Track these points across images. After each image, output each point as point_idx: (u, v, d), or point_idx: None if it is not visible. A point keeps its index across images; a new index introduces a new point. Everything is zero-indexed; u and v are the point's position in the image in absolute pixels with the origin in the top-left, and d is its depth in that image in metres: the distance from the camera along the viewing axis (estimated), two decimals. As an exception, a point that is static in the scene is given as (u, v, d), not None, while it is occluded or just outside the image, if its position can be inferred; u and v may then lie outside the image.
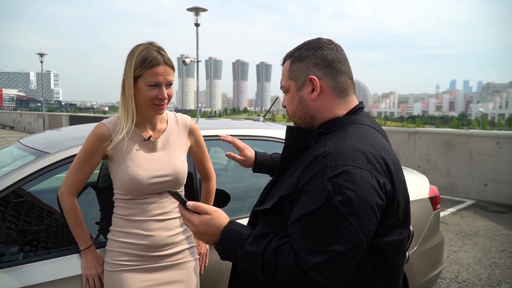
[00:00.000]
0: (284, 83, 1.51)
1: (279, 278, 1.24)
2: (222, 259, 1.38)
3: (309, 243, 1.21)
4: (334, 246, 1.19)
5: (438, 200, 3.34)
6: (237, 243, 1.31)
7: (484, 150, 8.81)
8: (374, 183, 1.24)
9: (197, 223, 1.34)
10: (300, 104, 1.47)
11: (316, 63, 1.43)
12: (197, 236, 1.38)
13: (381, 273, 1.37)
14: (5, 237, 2.00)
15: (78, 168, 1.88)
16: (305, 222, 1.23)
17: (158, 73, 1.81)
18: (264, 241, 1.29)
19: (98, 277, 1.92)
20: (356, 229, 1.20)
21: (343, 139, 1.33)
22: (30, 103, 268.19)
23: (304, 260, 1.20)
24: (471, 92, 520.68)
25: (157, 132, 1.97)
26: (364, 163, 1.25)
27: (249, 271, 1.31)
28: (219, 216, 1.36)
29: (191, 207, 1.35)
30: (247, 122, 3.48)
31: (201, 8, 17.95)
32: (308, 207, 1.23)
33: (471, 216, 7.39)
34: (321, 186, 1.22)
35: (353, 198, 1.19)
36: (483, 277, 4.67)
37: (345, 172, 1.22)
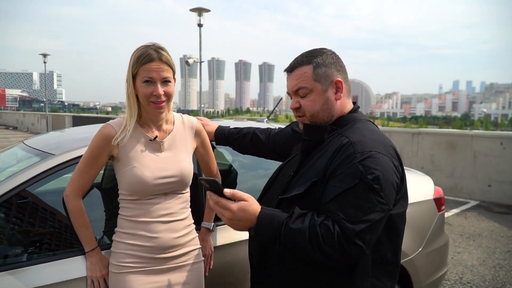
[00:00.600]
0: (307, 84, 1.67)
1: (326, 248, 1.41)
2: (257, 241, 1.53)
3: (349, 215, 1.43)
4: (371, 216, 1.44)
5: (443, 201, 3.32)
6: (278, 223, 1.46)
7: (488, 151, 8.78)
8: (392, 166, 1.53)
9: (236, 209, 1.45)
10: (326, 104, 1.68)
11: (337, 68, 1.70)
12: (231, 222, 1.48)
13: (391, 240, 1.64)
14: (10, 239, 2.00)
15: (84, 169, 1.88)
16: (344, 198, 1.45)
17: (151, 69, 1.81)
18: (306, 219, 1.46)
19: (103, 279, 1.91)
20: (386, 201, 1.47)
21: (359, 132, 1.61)
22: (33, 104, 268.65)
23: (348, 229, 1.41)
24: (474, 92, 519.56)
25: (163, 133, 1.97)
26: (382, 149, 1.54)
27: (294, 247, 1.45)
28: (254, 202, 1.51)
29: (228, 194, 1.47)
30: (251, 123, 3.47)
31: (204, 8, 17.98)
32: (343, 186, 1.46)
33: (475, 217, 7.37)
34: (354, 168, 1.47)
35: (380, 176, 1.46)
36: (487, 279, 4.66)
37: (372, 156, 1.49)
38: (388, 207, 1.49)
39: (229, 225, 1.50)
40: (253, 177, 3.04)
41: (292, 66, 1.72)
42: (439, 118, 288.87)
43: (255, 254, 1.78)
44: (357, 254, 1.43)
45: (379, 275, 1.63)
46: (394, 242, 1.66)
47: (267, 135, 2.30)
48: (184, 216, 1.99)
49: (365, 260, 1.57)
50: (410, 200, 3.05)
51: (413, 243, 2.98)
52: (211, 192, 1.49)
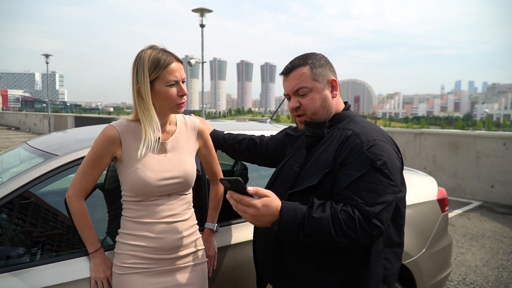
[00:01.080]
0: (307, 84, 1.78)
1: (350, 233, 1.50)
2: (281, 235, 1.54)
3: (367, 199, 1.53)
4: (386, 197, 1.55)
5: (446, 202, 3.31)
6: (301, 215, 1.52)
7: (490, 151, 8.76)
8: (394, 151, 1.68)
9: (260, 206, 1.50)
10: (325, 102, 1.80)
11: (330, 69, 1.84)
12: (255, 219, 1.52)
13: (396, 222, 1.77)
14: (13, 240, 1.99)
15: (87, 170, 1.87)
16: (358, 184, 1.56)
17: (174, 70, 1.84)
18: (327, 208, 1.54)
19: (107, 280, 1.91)
20: (396, 183, 1.60)
21: (359, 124, 1.74)
22: (35, 104, 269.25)
23: (367, 212, 1.51)
24: (476, 92, 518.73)
25: (166, 134, 1.96)
26: (383, 138, 1.68)
27: (318, 235, 1.51)
28: (275, 197, 1.56)
29: (252, 191, 1.51)
30: (255, 123, 3.47)
31: (206, 9, 17.97)
32: (356, 173, 1.57)
33: (478, 217, 7.36)
34: (364, 156, 1.59)
35: (388, 162, 1.59)
36: (490, 279, 4.64)
37: (376, 144, 1.62)
38: (398, 188, 1.62)
39: (252, 222, 1.54)
40: (255, 177, 3.04)
41: (290, 68, 1.83)
42: (441, 119, 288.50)
43: (269, 251, 1.84)
44: (377, 235, 1.54)
45: (389, 256, 1.75)
46: (398, 223, 1.79)
47: (261, 141, 2.37)
48: (187, 217, 1.99)
49: (378, 242, 1.68)
50: (414, 201, 3.07)
51: (417, 244, 2.97)
52: (232, 192, 1.53)
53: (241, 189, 1.50)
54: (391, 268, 1.76)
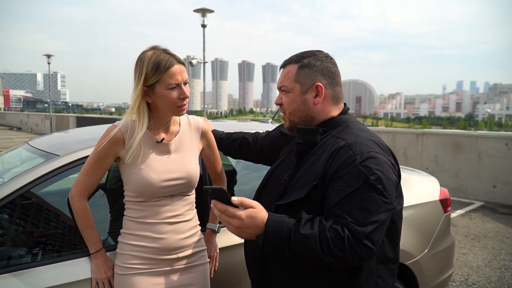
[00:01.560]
0: (287, 84, 1.72)
1: (337, 252, 1.40)
2: (266, 249, 1.46)
3: (357, 218, 1.43)
4: (378, 216, 1.45)
5: (448, 202, 3.31)
6: (287, 230, 1.44)
7: (493, 152, 8.75)
8: (390, 164, 1.55)
9: (244, 217, 1.42)
10: (302, 105, 1.70)
11: (323, 73, 1.70)
12: (239, 230, 1.45)
13: (391, 238, 1.65)
14: (15, 240, 1.99)
15: (90, 170, 1.87)
16: (349, 201, 1.45)
17: (175, 73, 1.80)
18: (315, 224, 1.45)
19: (108, 280, 1.90)
20: (389, 200, 1.48)
21: (354, 133, 1.61)
22: (37, 104, 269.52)
23: (358, 232, 1.41)
24: (478, 93, 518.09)
25: (170, 135, 1.96)
26: (379, 149, 1.55)
27: (304, 253, 1.43)
28: (262, 208, 1.48)
29: (237, 202, 1.43)
30: (256, 124, 3.46)
31: (208, 9, 17.97)
32: (348, 189, 1.46)
33: (480, 218, 7.34)
34: (356, 170, 1.47)
35: (382, 176, 1.47)
36: (493, 280, 4.63)
37: (371, 157, 1.50)
38: (392, 206, 1.51)
39: (236, 233, 1.47)
40: (257, 178, 3.03)
41: (284, 63, 1.77)
42: (443, 119, 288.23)
43: (255, 260, 1.75)
44: (368, 256, 1.44)
45: (382, 273, 1.64)
46: (394, 239, 1.68)
47: (255, 139, 2.29)
48: (190, 218, 1.98)
49: (371, 259, 1.57)
50: (416, 201, 3.06)
51: (419, 244, 2.97)
52: (216, 201, 1.45)
53: (225, 199, 1.42)
54: (384, 285, 1.65)
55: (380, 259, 1.62)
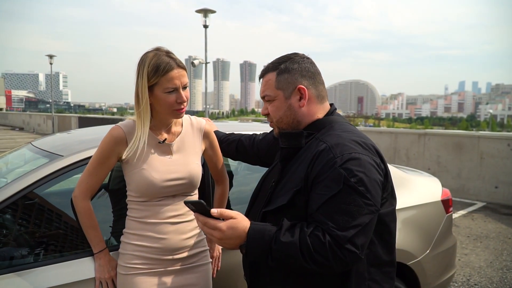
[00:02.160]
0: (270, 92, 1.69)
1: (319, 258, 1.38)
2: (250, 258, 1.46)
3: (339, 222, 1.39)
4: (360, 219, 1.40)
5: (450, 203, 3.31)
6: (268, 238, 1.42)
7: (495, 152, 8.73)
8: (374, 164, 1.50)
9: (225, 228, 1.42)
10: (289, 111, 1.67)
11: (302, 74, 1.66)
12: (222, 242, 1.45)
13: (383, 240, 1.60)
14: (18, 240, 2.00)
15: (93, 170, 1.88)
16: (330, 206, 1.42)
17: (173, 77, 1.81)
18: (296, 231, 1.42)
19: (112, 280, 1.92)
20: (373, 202, 1.44)
21: (336, 135, 1.57)
22: (39, 105, 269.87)
23: (339, 237, 1.37)
24: (480, 93, 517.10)
25: (172, 135, 1.97)
26: (361, 149, 1.51)
27: (286, 261, 1.41)
28: (243, 218, 1.47)
29: (216, 214, 1.43)
30: (258, 124, 3.47)
31: (210, 9, 18.00)
32: (328, 193, 1.42)
33: (482, 218, 7.34)
34: (336, 173, 1.43)
35: (364, 178, 1.43)
36: (495, 280, 4.63)
37: (352, 158, 1.45)
38: (376, 208, 1.46)
39: (220, 245, 1.48)
40: (258, 178, 3.04)
41: (262, 72, 1.75)
42: (445, 119, 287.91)
43: (246, 264, 1.75)
44: (352, 261, 1.41)
45: (376, 277, 1.59)
46: (387, 241, 1.62)
47: (252, 142, 2.27)
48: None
49: (361, 262, 1.53)
50: (418, 202, 3.07)
51: (421, 244, 2.97)
52: (198, 214, 1.46)
53: (205, 211, 1.43)
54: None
55: (372, 262, 1.58)
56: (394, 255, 1.68)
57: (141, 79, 1.80)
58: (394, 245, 1.67)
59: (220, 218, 1.44)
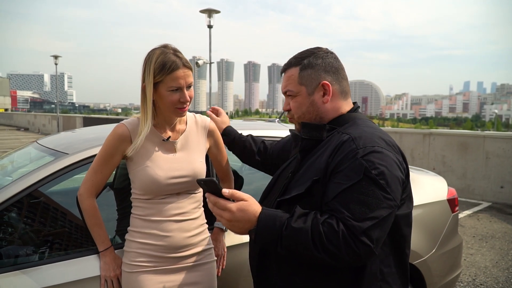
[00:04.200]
0: (293, 88, 1.66)
1: (331, 248, 1.33)
2: (259, 244, 1.42)
3: (355, 212, 1.35)
4: (378, 212, 1.36)
5: (456, 202, 3.29)
6: (279, 224, 1.38)
7: (500, 152, 8.69)
8: (396, 161, 1.47)
9: (235, 209, 1.38)
10: (311, 107, 1.64)
11: (326, 70, 1.63)
12: (231, 224, 1.40)
13: (394, 242, 1.54)
14: (23, 238, 2.01)
15: (98, 168, 1.88)
16: (347, 195, 1.38)
17: (178, 77, 1.80)
18: (309, 218, 1.38)
19: (117, 278, 1.91)
20: (392, 197, 1.40)
21: (360, 128, 1.54)
22: (44, 105, 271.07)
23: (354, 227, 1.33)
24: (485, 93, 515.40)
25: (176, 133, 1.97)
26: (384, 145, 1.48)
27: (296, 248, 1.36)
28: (254, 202, 1.42)
29: (227, 194, 1.38)
30: (263, 123, 3.46)
31: (214, 10, 18.01)
32: (347, 183, 1.39)
33: (487, 218, 7.30)
34: (357, 163, 1.40)
35: (385, 172, 1.40)
36: (500, 280, 4.61)
37: (375, 151, 1.42)
38: (395, 203, 1.41)
39: (228, 227, 1.42)
40: (261, 178, 3.03)
41: (284, 67, 1.71)
42: (450, 119, 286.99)
43: (255, 258, 1.70)
44: (365, 254, 1.35)
45: (387, 278, 1.54)
46: (400, 244, 1.57)
47: (269, 146, 2.22)
48: (197, 216, 1.99)
49: (373, 261, 1.49)
50: (424, 201, 3.05)
51: (427, 244, 2.95)
52: (209, 193, 1.42)
53: (216, 190, 1.39)
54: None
55: (384, 263, 1.53)
56: (407, 258, 1.62)
57: (147, 76, 1.81)
58: (404, 244, 1.60)
59: (231, 200, 1.40)
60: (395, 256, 1.57)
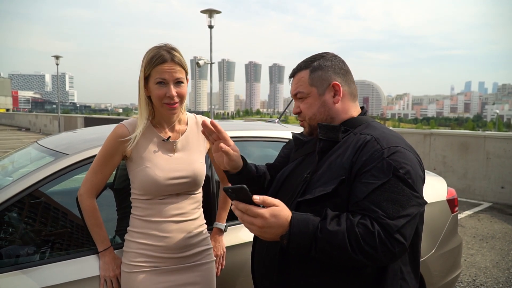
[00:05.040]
0: (303, 89, 1.67)
1: (368, 249, 1.34)
2: (292, 250, 1.38)
3: (388, 211, 1.37)
4: (410, 210, 1.39)
5: (456, 202, 3.29)
6: (313, 227, 1.37)
7: (501, 152, 8.68)
8: (417, 161, 1.52)
9: (268, 215, 1.34)
10: (322, 107, 1.66)
11: (336, 71, 1.67)
12: (263, 230, 1.36)
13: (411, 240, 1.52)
14: (23, 238, 2.01)
15: (98, 168, 1.89)
16: (379, 194, 1.40)
17: (163, 70, 1.81)
18: (342, 220, 1.38)
19: (116, 278, 1.92)
20: (420, 195, 1.45)
21: (378, 130, 1.58)
22: (45, 105, 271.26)
23: (389, 226, 1.35)
24: (487, 93, 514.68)
25: (176, 133, 1.97)
26: (405, 145, 1.53)
27: (332, 251, 1.36)
28: (285, 207, 1.40)
29: (259, 200, 1.35)
30: (263, 123, 3.47)
31: (215, 10, 18.01)
32: (377, 182, 1.41)
33: (488, 219, 7.30)
34: (385, 163, 1.43)
35: (411, 171, 1.43)
36: (501, 281, 4.60)
37: (399, 151, 1.47)
38: (423, 201, 1.46)
39: (259, 234, 1.38)
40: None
41: (293, 71, 1.74)
42: (451, 120, 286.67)
43: (273, 259, 1.63)
44: (400, 252, 1.37)
45: (406, 277, 1.57)
46: (415, 242, 1.59)
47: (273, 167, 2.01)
48: (196, 216, 1.99)
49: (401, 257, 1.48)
50: (424, 201, 3.03)
51: (427, 244, 2.95)
52: (237, 201, 1.37)
53: (246, 198, 1.34)
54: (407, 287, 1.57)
55: (403, 261, 1.56)
56: (419, 256, 1.67)
57: (140, 70, 1.85)
58: (418, 241, 1.63)
59: (261, 206, 1.37)
60: (411, 254, 1.60)
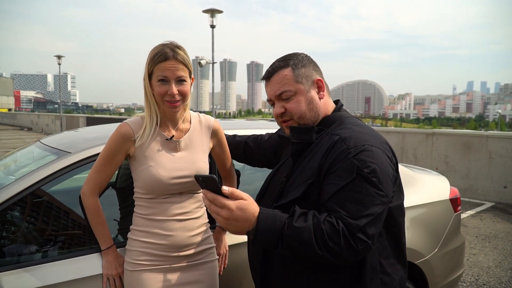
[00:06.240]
0: (290, 87, 1.65)
1: (333, 246, 1.36)
2: (258, 245, 1.41)
3: (351, 211, 1.40)
4: (373, 209, 1.41)
5: (459, 201, 3.28)
6: (280, 223, 1.38)
7: (503, 152, 8.67)
8: (386, 158, 1.52)
9: (234, 208, 1.35)
10: (311, 104, 1.67)
11: (315, 69, 1.71)
12: (228, 222, 1.37)
13: (391, 233, 1.62)
14: (26, 237, 2.01)
15: (101, 167, 1.88)
16: (342, 194, 1.43)
17: (165, 67, 1.81)
18: (309, 217, 1.40)
19: (119, 277, 1.92)
20: (385, 193, 1.45)
21: (348, 128, 1.59)
22: (47, 105, 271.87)
23: (351, 225, 1.38)
24: (489, 93, 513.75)
25: (180, 132, 1.97)
26: (374, 143, 1.53)
27: (298, 247, 1.38)
28: (253, 202, 1.41)
29: (227, 192, 1.36)
30: (264, 122, 3.46)
31: (217, 10, 18.02)
32: (341, 183, 1.43)
33: (490, 218, 7.28)
34: (349, 163, 1.45)
35: (377, 169, 1.45)
36: (503, 280, 4.59)
37: (365, 149, 1.48)
38: (388, 199, 1.47)
39: (225, 226, 1.39)
40: (261, 178, 3.03)
41: (271, 71, 1.69)
42: (453, 119, 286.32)
43: (257, 260, 1.70)
44: (363, 250, 1.39)
45: (388, 269, 1.60)
46: (395, 234, 1.63)
47: (258, 143, 2.24)
48: (199, 215, 1.99)
49: (372, 256, 1.54)
50: (427, 200, 3.04)
51: (429, 243, 2.95)
52: (206, 190, 1.38)
53: (215, 188, 1.35)
54: (391, 281, 1.60)
55: (382, 255, 1.59)
56: (404, 248, 1.69)
57: (145, 68, 1.85)
58: (402, 239, 1.67)
59: (230, 198, 1.37)
60: (393, 247, 1.63)
